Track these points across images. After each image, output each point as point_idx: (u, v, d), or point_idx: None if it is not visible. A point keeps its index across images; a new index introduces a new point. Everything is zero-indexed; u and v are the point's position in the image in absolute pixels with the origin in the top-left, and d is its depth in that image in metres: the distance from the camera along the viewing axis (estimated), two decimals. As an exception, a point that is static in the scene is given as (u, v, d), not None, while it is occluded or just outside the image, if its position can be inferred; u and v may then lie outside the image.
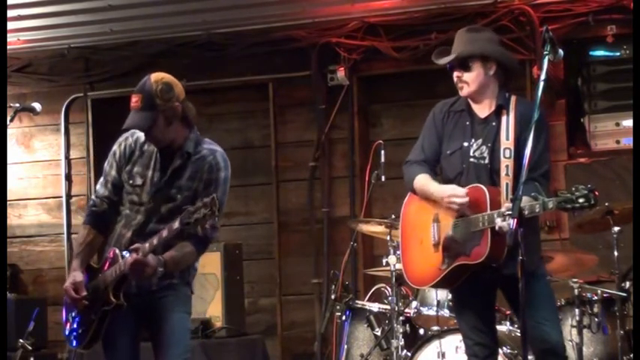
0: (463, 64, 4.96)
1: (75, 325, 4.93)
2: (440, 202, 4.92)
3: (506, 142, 4.90)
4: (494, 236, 4.72)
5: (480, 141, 4.96)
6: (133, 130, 4.96)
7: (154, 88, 4.76)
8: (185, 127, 4.87)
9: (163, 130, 4.80)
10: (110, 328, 4.84)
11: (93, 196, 5.08)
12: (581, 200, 4.49)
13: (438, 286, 5.18)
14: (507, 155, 4.87)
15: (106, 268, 4.85)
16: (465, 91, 4.99)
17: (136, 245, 4.71)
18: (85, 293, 4.83)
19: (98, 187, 5.05)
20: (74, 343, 4.95)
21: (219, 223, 4.72)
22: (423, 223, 5.02)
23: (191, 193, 4.81)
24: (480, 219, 4.77)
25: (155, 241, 4.67)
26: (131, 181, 4.91)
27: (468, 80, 4.97)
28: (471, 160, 4.95)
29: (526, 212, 4.49)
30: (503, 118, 4.95)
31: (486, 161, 4.92)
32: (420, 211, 5.07)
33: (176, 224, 4.59)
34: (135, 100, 4.79)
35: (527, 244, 4.43)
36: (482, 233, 4.76)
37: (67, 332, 4.98)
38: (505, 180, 4.83)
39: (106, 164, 5.04)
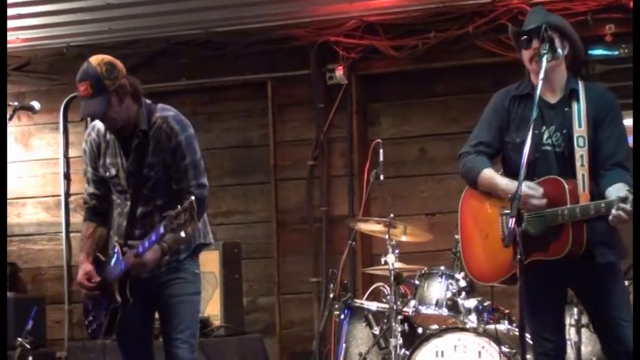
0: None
1: (91, 318, 5.00)
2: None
3: (579, 129, 4.64)
4: (575, 231, 4.53)
5: (552, 128, 4.68)
6: (92, 124, 5.02)
7: (99, 71, 4.75)
8: (135, 102, 4.87)
9: (118, 110, 4.81)
10: (121, 321, 4.89)
11: (83, 195, 5.17)
12: None
13: (507, 282, 4.79)
14: (581, 144, 4.62)
15: (112, 263, 4.91)
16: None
17: (132, 244, 4.77)
18: (98, 279, 4.91)
19: (85, 186, 5.14)
20: (92, 336, 5.02)
21: (205, 179, 4.81)
22: (488, 217, 4.78)
23: (162, 167, 4.84)
24: (560, 213, 4.53)
25: (147, 244, 4.70)
26: (107, 174, 4.96)
27: None
28: (545, 147, 4.67)
29: (622, 205, 4.35)
30: (574, 104, 4.69)
31: (562, 149, 4.66)
32: (484, 205, 4.82)
33: (161, 229, 4.61)
34: (83, 88, 4.76)
35: (608, 234, 4.49)
36: (561, 228, 4.54)
37: (86, 325, 5.06)
38: (581, 171, 4.59)
39: (82, 164, 5.13)
